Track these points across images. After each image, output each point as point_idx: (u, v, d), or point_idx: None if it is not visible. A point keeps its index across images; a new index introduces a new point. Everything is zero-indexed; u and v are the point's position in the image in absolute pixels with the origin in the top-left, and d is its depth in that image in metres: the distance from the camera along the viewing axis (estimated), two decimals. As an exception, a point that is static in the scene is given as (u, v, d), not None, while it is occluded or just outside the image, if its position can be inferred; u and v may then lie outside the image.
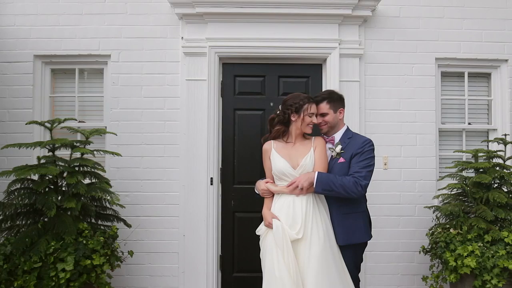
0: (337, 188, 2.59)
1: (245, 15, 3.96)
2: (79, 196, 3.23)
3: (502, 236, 3.19)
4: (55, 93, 4.21)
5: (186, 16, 3.98)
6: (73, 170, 3.32)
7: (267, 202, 2.78)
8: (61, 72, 4.23)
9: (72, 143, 3.36)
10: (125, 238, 3.79)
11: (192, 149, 3.96)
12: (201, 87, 3.98)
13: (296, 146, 2.76)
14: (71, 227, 3.06)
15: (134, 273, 3.96)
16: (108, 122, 4.06)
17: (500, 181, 3.49)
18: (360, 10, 3.96)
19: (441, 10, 4.15)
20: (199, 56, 3.99)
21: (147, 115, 4.03)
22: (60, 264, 2.92)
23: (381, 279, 4.04)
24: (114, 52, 4.06)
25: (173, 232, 3.98)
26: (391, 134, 4.07)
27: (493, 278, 3.06)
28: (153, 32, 4.06)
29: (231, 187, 4.09)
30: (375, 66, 4.10)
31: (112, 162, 3.97)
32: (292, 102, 2.73)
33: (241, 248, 4.05)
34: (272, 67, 4.13)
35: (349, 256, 2.70)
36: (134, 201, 3.97)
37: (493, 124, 4.27)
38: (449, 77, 4.31)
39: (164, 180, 4.00)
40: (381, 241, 3.96)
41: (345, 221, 2.69)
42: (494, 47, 4.16)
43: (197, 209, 3.94)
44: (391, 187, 4.05)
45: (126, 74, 4.05)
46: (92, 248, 3.08)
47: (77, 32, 4.07)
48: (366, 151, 2.71)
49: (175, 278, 3.97)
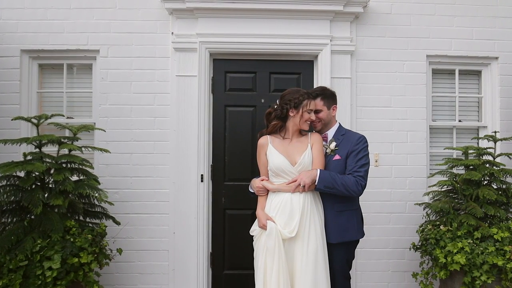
0: (339, 186, 2.58)
1: (236, 10, 3.92)
2: (66, 193, 3.18)
3: (492, 233, 3.20)
4: (43, 89, 4.14)
5: (176, 11, 3.93)
6: (61, 166, 3.26)
7: (261, 201, 2.75)
8: (49, 67, 4.16)
9: (59, 139, 3.30)
10: (114, 236, 3.75)
11: (182, 145, 3.93)
12: (191, 83, 3.94)
13: (293, 143, 2.74)
14: (58, 224, 3.01)
15: (124, 271, 3.92)
16: (97, 118, 4.00)
17: (489, 178, 3.51)
18: (351, 6, 3.95)
19: (432, 7, 4.15)
20: (190, 51, 3.95)
21: (136, 111, 3.98)
22: (47, 263, 2.87)
23: (372, 276, 4.04)
24: (103, 47, 4.00)
25: (163, 230, 3.94)
26: (382, 131, 4.07)
27: (483, 274, 3.07)
28: (142, 27, 4.01)
29: (222, 184, 4.06)
30: (367, 63, 4.09)
31: (100, 158, 3.92)
32: (291, 97, 2.69)
33: (232, 245, 4.03)
34: (263, 63, 4.10)
35: (341, 254, 2.70)
36: (123, 198, 3.92)
37: (483, 121, 4.29)
38: (440, 75, 4.32)
39: (154, 177, 3.96)
40: (372, 238, 3.97)
41: (339, 218, 2.68)
42: (485, 45, 4.17)
43: (187, 206, 3.90)
44: (382, 184, 4.06)
45: (115, 70, 3.99)
46: (79, 246, 3.03)
47: (65, 27, 4.00)
48: (362, 148, 2.71)
49: (165, 276, 3.94)
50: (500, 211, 3.30)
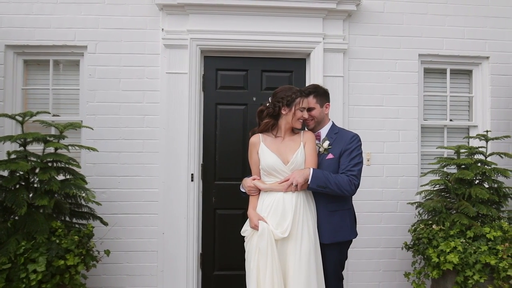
0: (332, 185, 2.54)
1: (228, 7, 3.86)
2: (52, 193, 3.09)
3: (484, 232, 3.20)
4: (28, 85, 4.03)
5: (166, 7, 3.85)
6: (46, 165, 3.17)
7: (252, 201, 2.70)
8: (35, 63, 4.05)
9: (45, 137, 3.21)
10: (101, 237, 3.67)
11: (172, 144, 3.85)
12: (181, 81, 3.87)
13: (286, 141, 2.69)
14: (43, 225, 2.92)
15: (111, 273, 3.83)
16: (84, 116, 3.91)
17: (481, 177, 3.51)
18: (344, 4, 3.92)
19: (424, 6, 4.14)
20: (180, 48, 3.87)
21: (125, 109, 3.90)
22: (31, 265, 2.77)
23: (363, 276, 4.03)
24: (91, 43, 3.90)
25: (152, 230, 3.87)
26: (374, 130, 4.06)
27: (475, 274, 3.06)
28: (132, 23, 3.92)
29: (212, 183, 4.00)
30: (359, 62, 4.07)
31: (88, 157, 3.82)
32: (284, 94, 2.65)
33: (222, 245, 3.97)
34: (255, 61, 4.05)
35: (334, 254, 2.67)
36: (111, 198, 3.84)
37: (473, 121, 4.30)
38: (431, 74, 4.32)
39: (142, 176, 3.88)
40: (364, 238, 3.94)
41: (332, 218, 2.65)
42: (476, 44, 4.19)
43: (177, 206, 3.83)
44: (374, 183, 4.04)
45: (103, 66, 3.90)
46: (65, 248, 2.94)
47: (51, 22, 3.89)
48: (356, 147, 2.67)
49: (154, 277, 3.86)
50: (492, 210, 3.31)
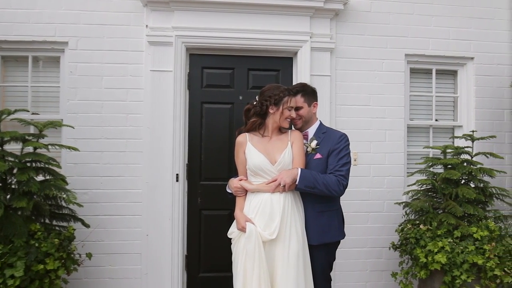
0: (320, 186, 2.51)
1: (214, 4, 3.79)
2: (31, 194, 2.97)
3: (471, 231, 3.22)
4: (5, 82, 3.89)
5: (151, 3, 3.76)
6: (24, 166, 3.04)
7: (239, 202, 2.64)
8: (13, 59, 3.92)
9: (23, 136, 3.08)
10: (83, 239, 3.55)
11: (156, 144, 3.76)
12: (166, 79, 3.78)
13: (273, 141, 2.64)
14: (22, 228, 2.80)
15: (93, 276, 3.73)
16: (65, 115, 3.79)
17: (468, 177, 3.53)
18: (332, 3, 3.90)
19: (410, 6, 4.15)
20: (165, 45, 3.79)
21: (108, 108, 3.79)
22: (9, 270, 2.65)
23: (350, 276, 4.02)
24: (72, 39, 3.79)
25: (136, 232, 3.77)
26: (360, 129, 4.05)
27: (463, 273, 3.07)
28: (115, 19, 3.82)
29: (198, 183, 3.93)
30: (346, 61, 4.06)
31: (69, 157, 3.71)
32: (271, 93, 2.59)
33: (207, 247, 3.90)
34: (241, 59, 3.99)
35: (322, 255, 2.64)
36: (94, 199, 3.73)
37: (458, 121, 4.34)
38: (417, 74, 4.34)
39: (126, 176, 3.78)
40: (351, 238, 3.89)
41: (320, 219, 2.61)
42: (461, 45, 4.22)
43: (161, 207, 3.75)
44: (360, 183, 4.03)
45: (85, 63, 3.79)
46: (45, 252, 2.83)
47: (31, 17, 3.76)
48: (344, 147, 2.64)
49: (137, 280, 3.77)
50: (479, 210, 3.33)
